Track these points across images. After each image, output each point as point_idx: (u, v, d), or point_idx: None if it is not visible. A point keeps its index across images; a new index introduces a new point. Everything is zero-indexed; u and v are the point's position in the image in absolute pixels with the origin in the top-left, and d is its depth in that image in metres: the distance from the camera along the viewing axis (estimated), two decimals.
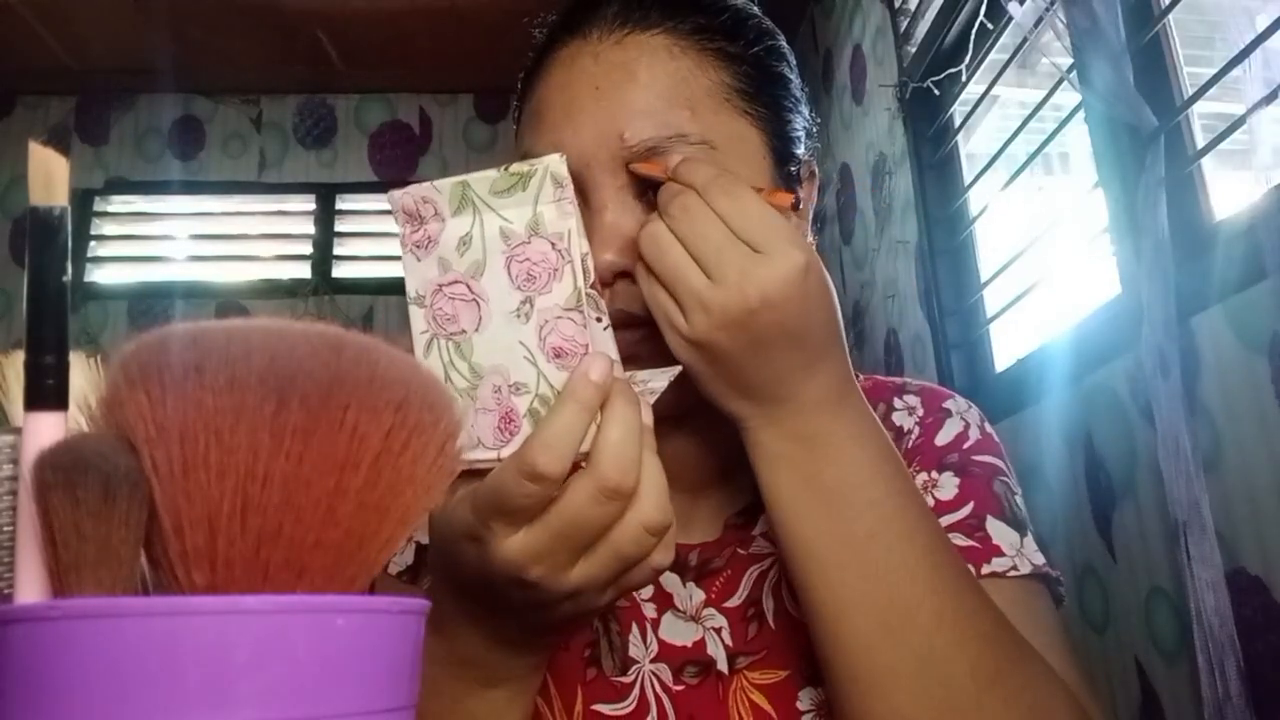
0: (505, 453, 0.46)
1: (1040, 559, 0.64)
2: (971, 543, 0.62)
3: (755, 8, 0.67)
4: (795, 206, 0.56)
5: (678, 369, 0.51)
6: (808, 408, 0.53)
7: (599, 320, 0.46)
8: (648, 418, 0.46)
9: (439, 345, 0.47)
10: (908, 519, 0.54)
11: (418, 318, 0.48)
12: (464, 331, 0.47)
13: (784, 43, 0.68)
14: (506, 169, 0.46)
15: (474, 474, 0.46)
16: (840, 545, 0.53)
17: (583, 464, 0.44)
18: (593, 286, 0.46)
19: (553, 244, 0.45)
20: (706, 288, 0.50)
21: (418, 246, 0.48)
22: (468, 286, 0.47)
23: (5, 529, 0.31)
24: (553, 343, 0.46)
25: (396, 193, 0.48)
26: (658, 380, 0.50)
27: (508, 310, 0.46)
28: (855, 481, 0.53)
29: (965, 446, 0.68)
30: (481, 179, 0.46)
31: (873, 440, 0.54)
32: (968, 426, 0.70)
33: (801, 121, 0.66)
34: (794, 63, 0.68)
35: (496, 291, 0.46)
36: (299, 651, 0.27)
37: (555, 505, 0.44)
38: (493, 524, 0.45)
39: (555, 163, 0.45)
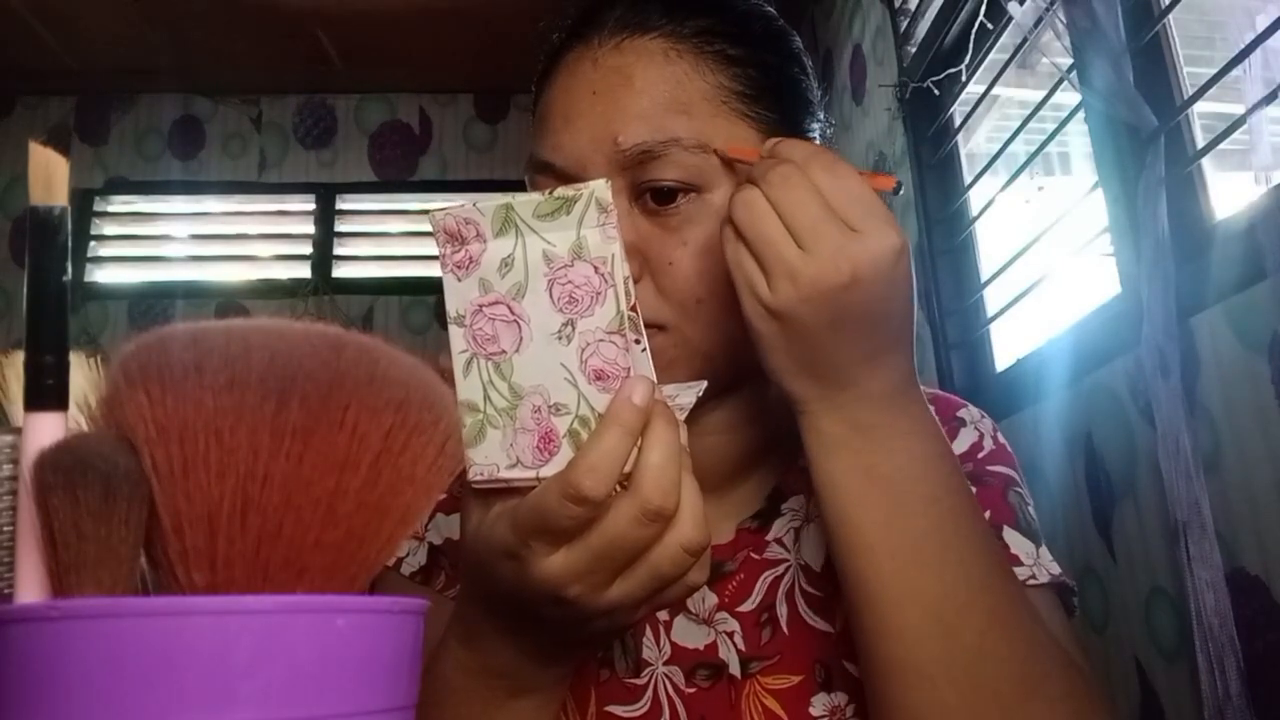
0: (544, 472, 0.46)
1: (1056, 569, 0.64)
2: None
3: (768, 9, 0.66)
4: (896, 191, 0.55)
5: (703, 384, 0.51)
6: (874, 396, 0.52)
7: (637, 342, 0.47)
8: (684, 438, 0.46)
9: (479, 364, 0.48)
10: (964, 517, 0.54)
11: (457, 337, 0.48)
12: (504, 352, 0.47)
13: (796, 44, 0.67)
14: (551, 193, 0.47)
15: (511, 491, 0.47)
16: (899, 537, 0.52)
17: (621, 484, 0.45)
18: (631, 309, 0.46)
19: (596, 268, 0.46)
20: (798, 258, 0.49)
21: (458, 267, 0.48)
22: (509, 307, 0.47)
23: (5, 529, 0.31)
24: (594, 365, 0.46)
25: (438, 213, 0.48)
26: (685, 396, 0.50)
27: (549, 332, 0.47)
28: (915, 475, 0.53)
29: (980, 456, 0.68)
30: (525, 202, 0.47)
31: (932, 436, 0.54)
32: (982, 437, 0.70)
33: (815, 125, 0.66)
34: (808, 65, 0.67)
35: (538, 313, 0.47)
36: (299, 651, 0.27)
37: (597, 526, 0.44)
38: (533, 543, 0.45)
39: (600, 188, 0.46)
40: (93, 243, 3.23)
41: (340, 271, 3.27)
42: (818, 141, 0.65)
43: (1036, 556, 0.64)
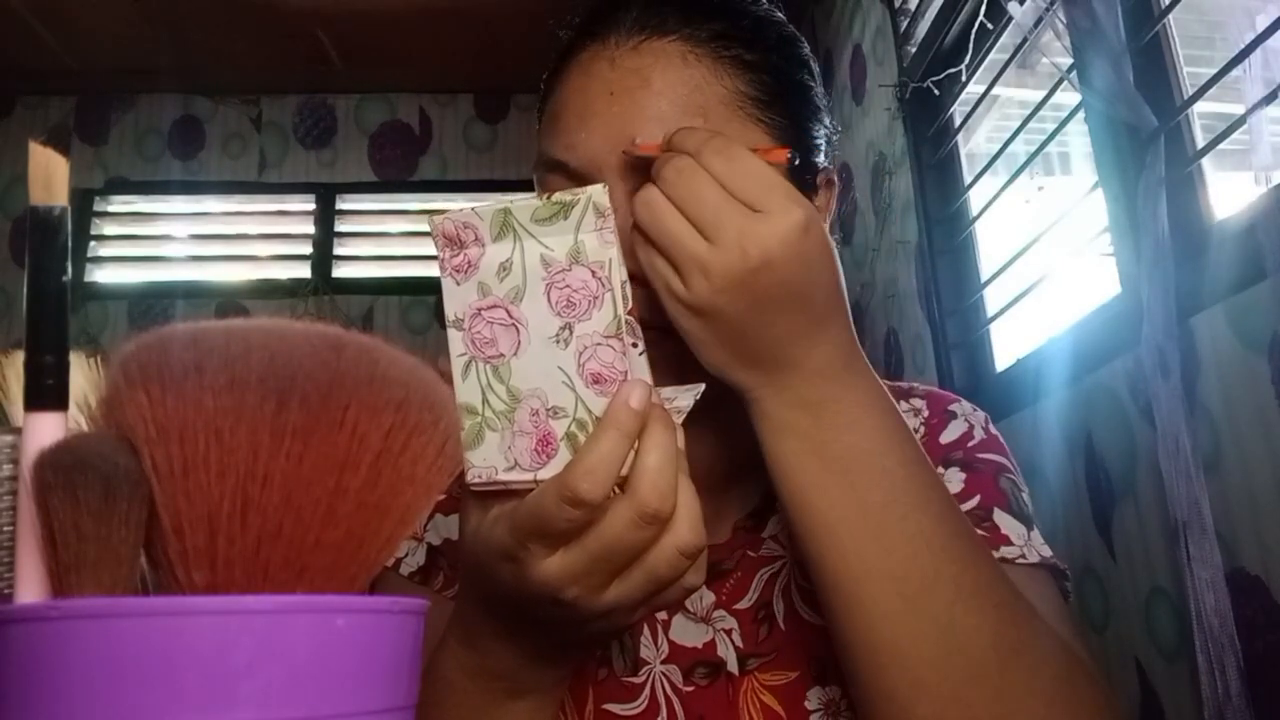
0: (542, 475, 0.46)
1: (1047, 551, 0.64)
2: (980, 532, 0.62)
3: (779, 14, 0.67)
4: (792, 161, 0.55)
5: (701, 386, 0.51)
6: (814, 374, 0.52)
7: (635, 346, 0.47)
8: (680, 441, 0.47)
9: (477, 368, 0.48)
10: (921, 487, 0.53)
11: (456, 340, 0.49)
12: (502, 355, 0.48)
13: (805, 51, 0.67)
14: (549, 197, 0.47)
15: (509, 494, 0.47)
16: (855, 514, 0.52)
17: (618, 487, 0.45)
18: (629, 313, 0.46)
19: (593, 272, 0.46)
20: (705, 250, 0.49)
21: (457, 271, 0.49)
22: (507, 311, 0.48)
23: (5, 529, 0.31)
24: (591, 369, 0.46)
25: (437, 218, 0.49)
26: (683, 399, 0.50)
27: (547, 335, 0.47)
28: (867, 449, 0.52)
29: (970, 445, 0.68)
30: (524, 206, 0.47)
31: (881, 407, 0.54)
32: (972, 427, 0.70)
33: (822, 130, 0.66)
34: (816, 71, 0.67)
35: (536, 317, 0.47)
36: (299, 651, 0.27)
37: (594, 529, 0.44)
38: (531, 545, 0.45)
39: (598, 193, 0.46)
40: (93, 243, 3.23)
41: (340, 271, 3.26)
42: (823, 147, 0.65)
43: (1028, 538, 0.63)
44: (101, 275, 3.24)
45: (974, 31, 1.74)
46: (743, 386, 0.53)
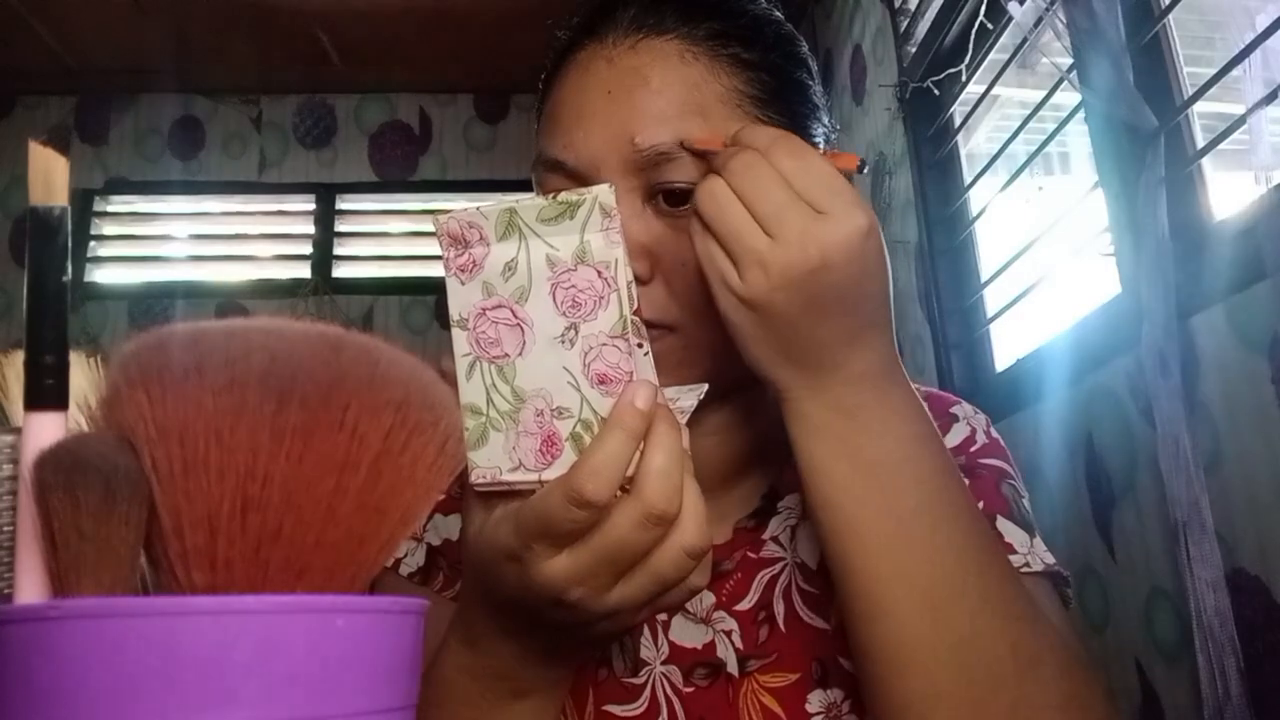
0: (547, 475, 0.46)
1: (1050, 558, 0.64)
2: None
3: (776, 13, 0.67)
4: (860, 169, 0.55)
5: (704, 387, 0.51)
6: (854, 379, 0.52)
7: (640, 346, 0.47)
8: (686, 442, 0.47)
9: (481, 368, 0.48)
10: (952, 498, 0.53)
11: (460, 340, 0.49)
12: (507, 355, 0.48)
13: (804, 49, 0.67)
14: (554, 197, 0.47)
15: (513, 494, 0.47)
16: (886, 521, 0.52)
17: (623, 488, 0.45)
18: (635, 313, 0.46)
19: (599, 272, 0.46)
20: (767, 246, 0.49)
21: (462, 271, 0.49)
22: (512, 311, 0.48)
23: (5, 529, 0.31)
24: (597, 369, 0.46)
25: (442, 217, 0.49)
26: (686, 399, 0.50)
27: (552, 336, 0.47)
28: (901, 457, 0.52)
29: (972, 450, 0.68)
30: (529, 206, 0.47)
31: (917, 417, 0.54)
32: (974, 431, 0.70)
33: (820, 129, 0.66)
34: (814, 69, 0.67)
35: (541, 317, 0.47)
36: (299, 651, 0.27)
37: (600, 530, 0.44)
38: (536, 546, 0.45)
39: (604, 192, 0.46)
40: (93, 243, 3.23)
41: (340, 271, 3.27)
42: (822, 146, 0.65)
43: (1030, 545, 0.64)
44: (101, 275, 3.24)
45: (974, 31, 1.74)
46: (781, 385, 0.53)
